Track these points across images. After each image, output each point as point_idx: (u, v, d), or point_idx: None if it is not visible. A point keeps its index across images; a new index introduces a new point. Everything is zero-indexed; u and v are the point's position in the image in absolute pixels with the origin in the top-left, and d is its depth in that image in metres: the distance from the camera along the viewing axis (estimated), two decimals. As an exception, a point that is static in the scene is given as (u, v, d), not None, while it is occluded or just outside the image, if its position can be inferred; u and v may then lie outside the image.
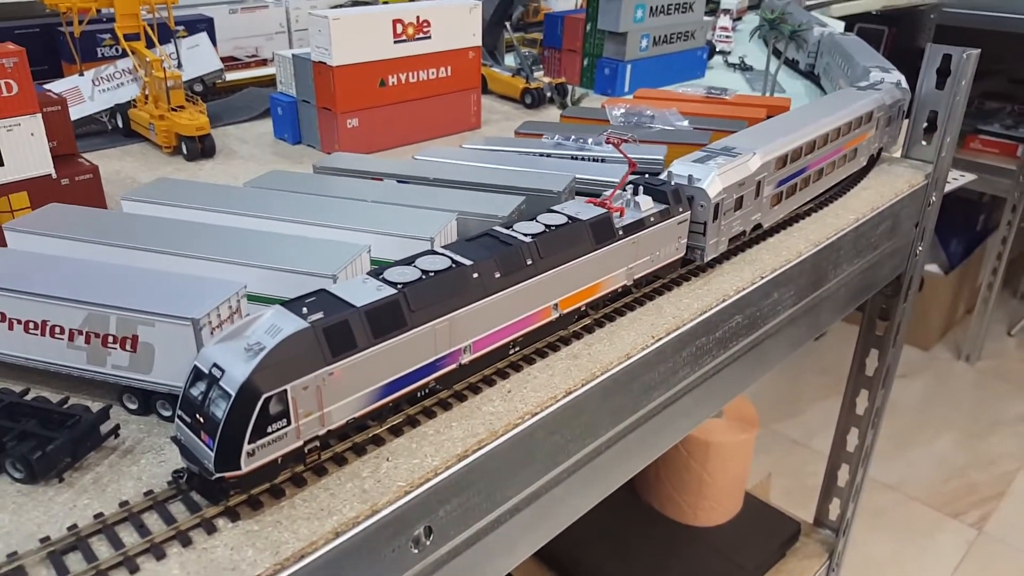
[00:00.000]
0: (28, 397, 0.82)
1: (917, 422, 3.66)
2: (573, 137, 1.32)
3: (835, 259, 1.28)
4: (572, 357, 0.93)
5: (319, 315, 0.71)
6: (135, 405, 0.82)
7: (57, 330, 0.81)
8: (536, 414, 0.85)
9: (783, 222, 1.27)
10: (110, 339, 0.79)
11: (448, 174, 1.16)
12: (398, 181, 1.16)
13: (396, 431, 0.80)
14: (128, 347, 0.79)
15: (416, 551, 0.76)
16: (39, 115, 1.18)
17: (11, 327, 0.83)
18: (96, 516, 0.69)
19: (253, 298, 0.85)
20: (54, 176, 1.21)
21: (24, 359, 0.84)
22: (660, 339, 0.98)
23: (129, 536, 0.67)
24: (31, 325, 0.82)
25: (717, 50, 2.41)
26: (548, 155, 1.29)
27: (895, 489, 3.31)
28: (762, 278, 1.12)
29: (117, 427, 0.79)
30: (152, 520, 0.69)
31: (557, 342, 0.95)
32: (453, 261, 0.82)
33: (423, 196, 1.08)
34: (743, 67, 2.31)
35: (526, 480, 0.86)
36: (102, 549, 0.66)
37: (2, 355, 0.85)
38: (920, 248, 1.57)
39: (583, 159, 1.28)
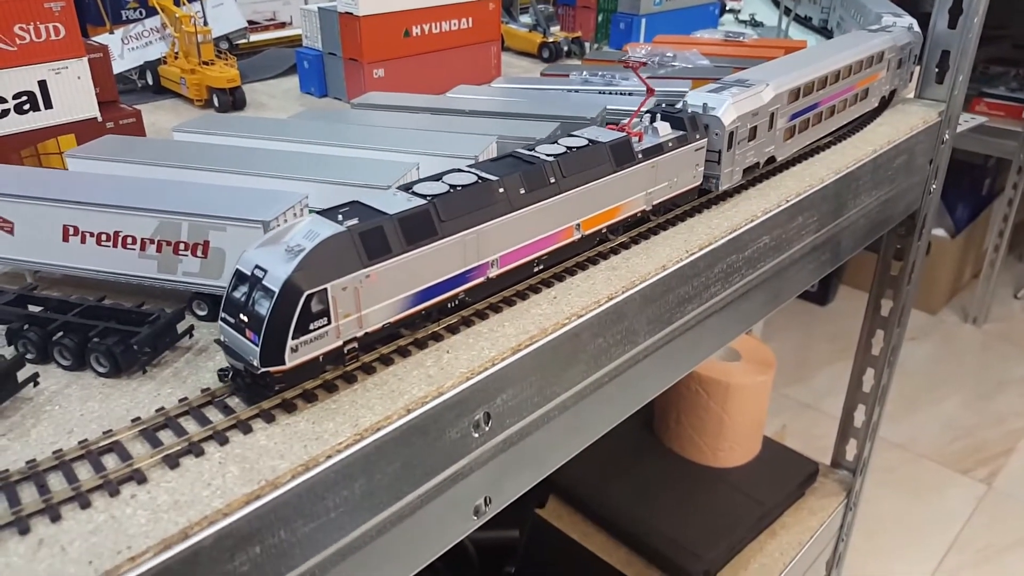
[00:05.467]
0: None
1: (925, 384, 3.71)
2: (600, 73, 1.36)
3: (855, 188, 1.32)
4: (611, 269, 0.98)
5: (354, 221, 0.74)
6: (204, 311, 0.86)
7: (129, 240, 0.86)
8: (581, 316, 0.89)
9: (802, 155, 1.31)
10: (181, 246, 0.84)
11: (482, 106, 1.20)
12: (433, 114, 1.21)
13: (453, 329, 0.85)
14: (199, 253, 0.84)
15: (476, 435, 0.81)
16: (85, 59, 1.22)
17: (83, 240, 0.88)
18: (181, 400, 0.74)
19: (311, 212, 0.89)
20: (100, 119, 1.26)
21: (95, 271, 0.89)
22: (693, 253, 1.03)
23: (215, 416, 0.72)
24: (103, 237, 0.87)
25: (727, 8, 2.44)
26: (576, 91, 1.33)
27: (905, 448, 3.36)
28: (787, 201, 1.17)
29: (192, 327, 0.83)
30: (234, 403, 0.74)
31: (596, 256, 1.00)
32: (479, 177, 0.85)
33: (461, 124, 1.12)
34: (754, 23, 2.34)
35: (573, 379, 0.91)
36: (191, 426, 0.71)
37: (75, 269, 0.89)
38: (934, 186, 1.61)
39: (611, 93, 1.32)
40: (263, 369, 0.70)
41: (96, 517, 0.62)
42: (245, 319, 0.70)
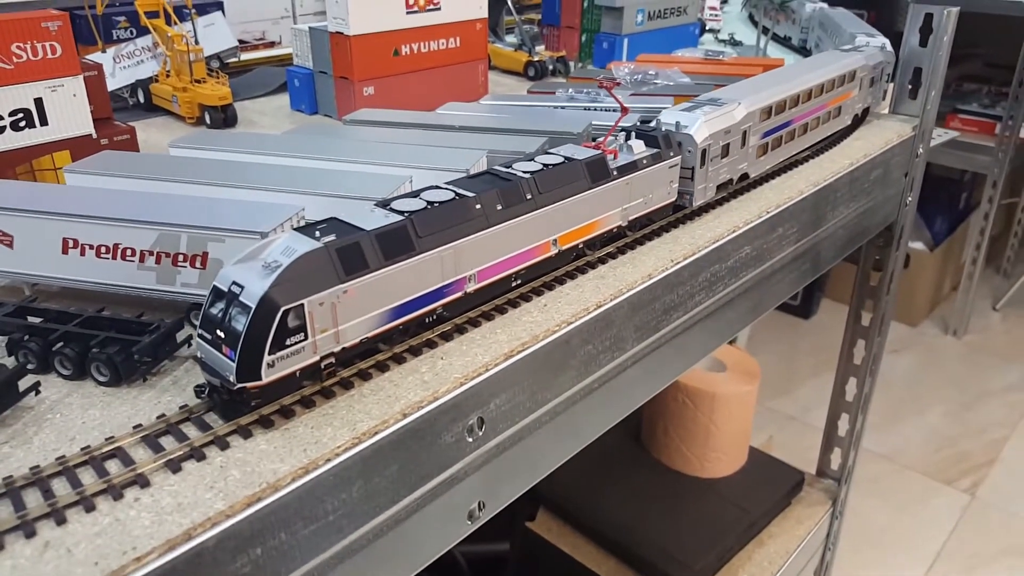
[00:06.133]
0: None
1: (908, 396, 3.75)
2: (585, 90, 1.39)
3: (833, 200, 1.36)
4: (599, 278, 1.01)
5: (331, 237, 0.75)
6: (202, 321, 0.88)
7: (128, 252, 0.88)
8: (571, 323, 0.92)
9: (780, 168, 1.34)
10: (180, 258, 0.86)
11: (472, 122, 1.23)
12: (424, 129, 1.23)
13: (447, 336, 0.87)
14: (198, 264, 0.86)
15: (470, 440, 0.83)
16: (81, 77, 1.24)
17: (83, 252, 0.90)
18: (181, 407, 0.76)
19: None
20: (94, 136, 1.28)
21: (94, 283, 0.90)
22: (678, 263, 1.06)
23: (215, 422, 0.74)
24: (103, 249, 0.89)
25: (707, 28, 2.49)
26: (563, 107, 1.37)
27: (889, 459, 3.40)
28: (767, 212, 1.20)
29: (191, 337, 0.85)
30: (234, 409, 0.75)
31: (584, 266, 1.02)
32: (456, 194, 0.87)
33: (451, 139, 1.15)
34: (733, 43, 2.40)
35: (563, 385, 0.93)
36: (192, 432, 0.73)
37: (74, 281, 0.91)
38: (910, 198, 1.65)
39: (595, 110, 1.35)
40: (239, 385, 0.70)
41: (101, 520, 0.63)
42: (222, 335, 0.70)
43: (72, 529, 0.62)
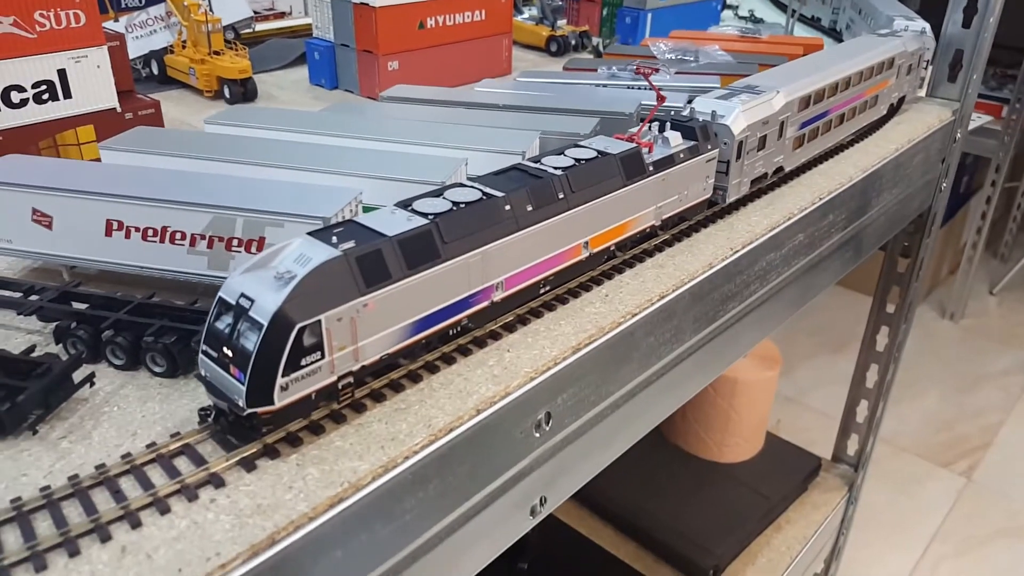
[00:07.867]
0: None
1: (905, 379, 3.74)
2: (629, 67, 1.35)
3: (878, 187, 1.33)
4: (658, 267, 0.98)
5: (350, 244, 0.67)
6: (256, 308, 0.84)
7: (178, 236, 0.83)
8: (635, 315, 0.89)
9: (813, 160, 1.29)
10: (235, 242, 0.82)
11: (516, 100, 1.19)
12: (467, 108, 1.19)
13: (510, 327, 0.84)
14: (254, 249, 0.82)
15: (538, 435, 0.80)
16: (105, 47, 1.19)
17: (128, 235, 0.85)
18: (245, 401, 0.72)
19: (365, 208, 0.87)
20: (119, 110, 1.23)
21: (138, 267, 0.86)
22: (737, 251, 1.03)
23: (284, 417, 0.70)
24: (150, 232, 0.84)
25: (727, 4, 2.45)
26: (605, 85, 1.32)
27: (887, 442, 3.41)
28: (820, 199, 1.17)
29: (246, 325, 0.81)
30: (301, 403, 0.72)
31: (641, 254, 0.99)
32: (483, 193, 0.79)
33: (499, 119, 1.11)
34: (753, 20, 2.36)
35: (626, 377, 0.91)
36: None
37: (117, 264, 0.87)
38: (944, 184, 1.63)
39: (639, 88, 1.31)
40: (249, 410, 0.64)
41: (177, 523, 0.60)
42: (229, 354, 0.64)
43: (148, 533, 0.59)
